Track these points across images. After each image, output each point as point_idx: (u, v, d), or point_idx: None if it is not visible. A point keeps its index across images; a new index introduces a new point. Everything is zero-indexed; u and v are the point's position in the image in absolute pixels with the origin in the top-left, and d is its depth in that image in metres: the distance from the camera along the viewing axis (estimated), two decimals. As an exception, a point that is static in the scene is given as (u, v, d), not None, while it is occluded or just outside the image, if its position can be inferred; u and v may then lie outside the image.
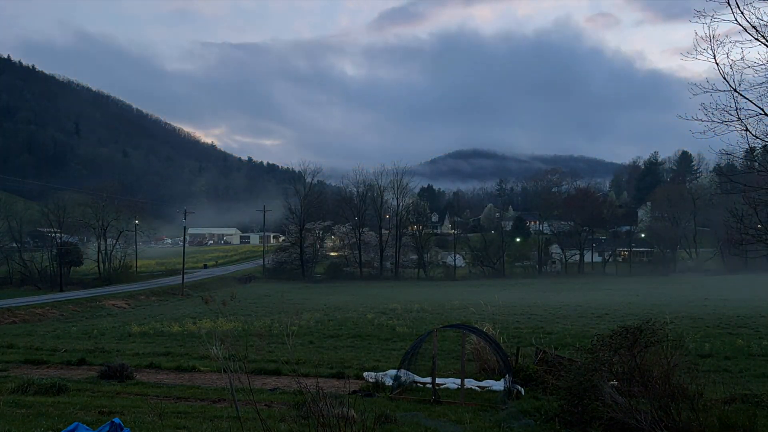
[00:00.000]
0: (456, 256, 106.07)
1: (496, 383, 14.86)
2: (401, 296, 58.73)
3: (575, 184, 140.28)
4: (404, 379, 14.85)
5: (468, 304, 42.17)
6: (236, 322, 32.99)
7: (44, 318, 46.16)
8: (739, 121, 11.79)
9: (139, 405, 12.30)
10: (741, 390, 11.68)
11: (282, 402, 12.71)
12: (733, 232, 12.11)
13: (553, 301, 49.93)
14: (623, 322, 11.52)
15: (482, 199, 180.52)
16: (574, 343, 16.68)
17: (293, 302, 53.21)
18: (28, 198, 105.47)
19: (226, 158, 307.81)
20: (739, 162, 13.34)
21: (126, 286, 72.45)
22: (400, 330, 29.72)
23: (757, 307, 41.03)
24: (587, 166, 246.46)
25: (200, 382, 16.11)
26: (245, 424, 8.98)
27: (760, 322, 31.98)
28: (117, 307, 54.64)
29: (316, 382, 7.70)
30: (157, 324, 35.14)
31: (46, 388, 13.70)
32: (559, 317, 36.29)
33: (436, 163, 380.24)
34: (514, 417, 11.28)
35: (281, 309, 44.81)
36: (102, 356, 21.20)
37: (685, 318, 33.20)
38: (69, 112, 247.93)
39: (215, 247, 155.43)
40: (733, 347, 22.12)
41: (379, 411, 10.68)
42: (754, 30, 11.17)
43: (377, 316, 37.21)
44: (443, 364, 15.94)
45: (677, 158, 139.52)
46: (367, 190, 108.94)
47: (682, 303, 45.36)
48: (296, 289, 75.70)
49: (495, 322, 20.60)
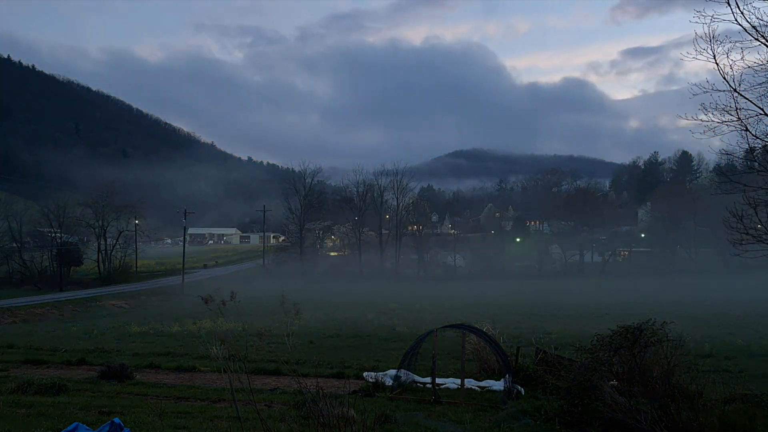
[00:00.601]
0: (456, 256, 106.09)
1: (496, 383, 14.87)
2: (401, 296, 58.73)
3: (575, 184, 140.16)
4: (404, 379, 14.85)
5: (468, 303, 42.17)
6: (236, 322, 32.99)
7: (44, 318, 46.16)
8: (739, 121, 11.78)
9: (139, 405, 12.30)
10: (741, 390, 11.68)
11: (282, 402, 12.71)
12: (733, 232, 12.07)
13: (553, 301, 49.94)
14: (623, 322, 11.51)
15: (482, 199, 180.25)
16: (574, 343, 16.62)
17: (293, 302, 53.14)
18: (28, 198, 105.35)
19: (226, 158, 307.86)
20: (739, 162, 13.35)
21: (126, 286, 72.49)
22: (400, 330, 29.73)
23: (757, 307, 41.04)
24: (587, 166, 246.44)
25: (200, 382, 16.11)
26: (245, 424, 8.97)
27: (761, 322, 32.00)
28: (117, 307, 54.66)
29: (316, 382, 7.71)
30: (157, 324, 35.15)
31: (46, 388, 13.71)
32: (559, 317, 36.31)
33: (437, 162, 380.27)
34: (514, 417, 11.28)
35: (281, 309, 44.75)
36: (102, 356, 21.21)
37: (685, 318, 33.20)
38: (69, 111, 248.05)
39: (215, 247, 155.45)
40: (733, 347, 22.14)
41: (379, 411, 10.68)
42: (754, 30, 11.17)
43: (377, 316, 37.23)
44: (443, 364, 15.95)
45: (677, 158, 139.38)
46: (367, 190, 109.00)
47: (682, 303, 45.36)
48: (296, 290, 75.63)
49: (495, 322, 20.58)
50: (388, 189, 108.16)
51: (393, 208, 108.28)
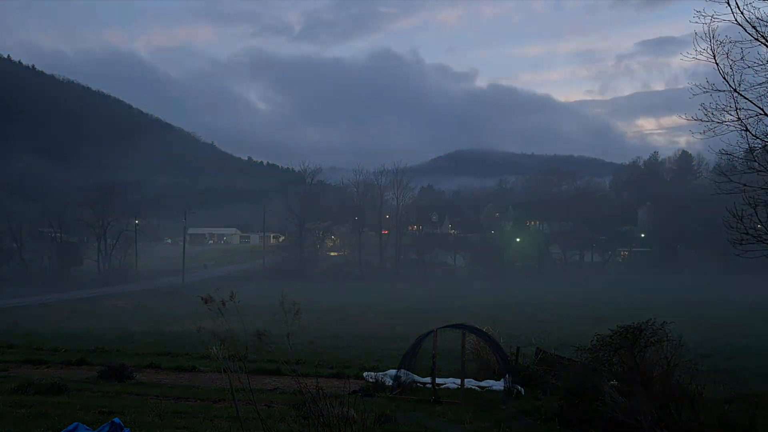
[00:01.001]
0: (456, 256, 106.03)
1: (496, 383, 14.86)
2: (401, 296, 58.73)
3: (575, 184, 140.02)
4: (404, 379, 14.85)
5: (468, 303, 42.19)
6: (236, 322, 32.99)
7: (44, 318, 46.15)
8: (739, 121, 11.79)
9: (139, 405, 12.29)
10: (741, 390, 11.68)
11: (282, 402, 12.70)
12: (733, 232, 12.07)
13: (554, 301, 49.94)
14: (623, 322, 11.50)
15: (482, 199, 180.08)
16: (574, 343, 16.62)
17: (293, 302, 53.16)
18: (28, 198, 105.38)
19: (226, 158, 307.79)
20: (739, 162, 13.34)
21: (126, 286, 72.47)
22: (400, 330, 29.74)
23: (757, 307, 41.05)
24: (587, 166, 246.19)
25: (200, 382, 16.10)
26: (245, 424, 8.97)
27: (761, 322, 32.01)
28: (117, 307, 54.64)
29: (316, 382, 7.70)
30: (157, 324, 35.14)
31: (46, 388, 13.69)
32: (559, 317, 36.30)
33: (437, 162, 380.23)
34: (514, 417, 11.29)
35: (281, 309, 44.77)
36: (102, 356, 21.18)
37: (685, 318, 33.18)
38: (69, 111, 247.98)
39: (215, 247, 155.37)
40: (733, 347, 22.14)
41: (379, 411, 10.67)
42: (754, 30, 11.16)
43: (377, 316, 37.24)
44: (443, 364, 15.94)
45: (677, 158, 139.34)
46: (367, 190, 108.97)
47: (682, 302, 45.37)
48: (296, 289, 75.61)
49: (495, 322, 20.59)
50: (388, 189, 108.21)
51: (393, 208, 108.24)
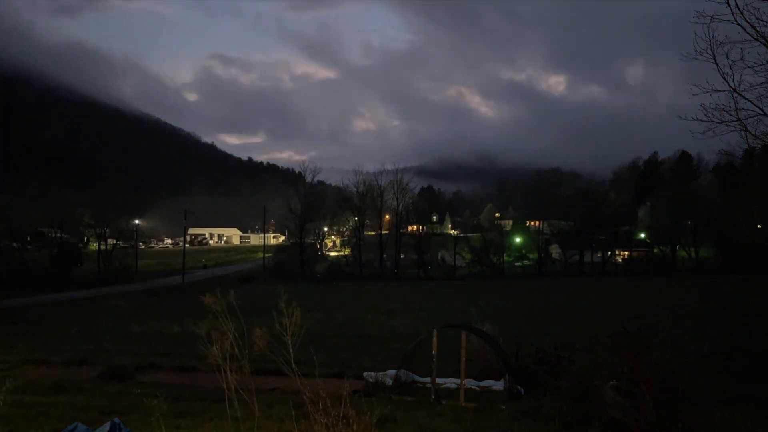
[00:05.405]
0: (456, 256, 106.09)
1: (496, 383, 14.86)
2: (401, 296, 58.72)
3: (575, 185, 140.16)
4: (404, 379, 14.86)
5: (468, 304, 42.18)
6: (237, 321, 32.97)
7: (45, 318, 46.12)
8: (739, 122, 11.79)
9: (139, 405, 12.30)
10: (742, 391, 11.68)
11: (282, 402, 12.70)
12: (733, 231, 12.10)
13: (553, 302, 49.92)
14: (623, 322, 11.51)
15: (482, 199, 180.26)
16: (574, 343, 16.66)
17: (293, 302, 53.18)
18: (28, 198, 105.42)
19: (226, 158, 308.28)
20: (738, 162, 13.35)
21: (126, 286, 72.50)
22: (400, 330, 29.68)
23: (756, 307, 41.03)
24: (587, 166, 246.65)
25: (200, 382, 16.10)
26: (245, 424, 8.98)
27: (761, 322, 31.98)
28: (117, 307, 54.58)
29: (316, 382, 7.70)
30: (157, 324, 35.09)
31: (46, 388, 13.71)
32: (559, 317, 36.26)
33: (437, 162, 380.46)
34: (514, 417, 11.29)
35: (281, 309, 44.77)
36: (102, 356, 21.17)
37: (686, 318, 33.19)
38: (69, 112, 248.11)
39: (215, 247, 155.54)
40: (733, 347, 22.10)
41: (379, 411, 10.67)
42: (754, 30, 11.16)
43: (377, 316, 37.19)
44: (443, 364, 15.93)
45: (677, 158, 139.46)
46: (367, 190, 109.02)
47: (682, 302, 45.35)
48: (296, 289, 75.69)
49: (495, 322, 20.57)
50: (388, 189, 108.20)
51: (393, 208, 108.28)
